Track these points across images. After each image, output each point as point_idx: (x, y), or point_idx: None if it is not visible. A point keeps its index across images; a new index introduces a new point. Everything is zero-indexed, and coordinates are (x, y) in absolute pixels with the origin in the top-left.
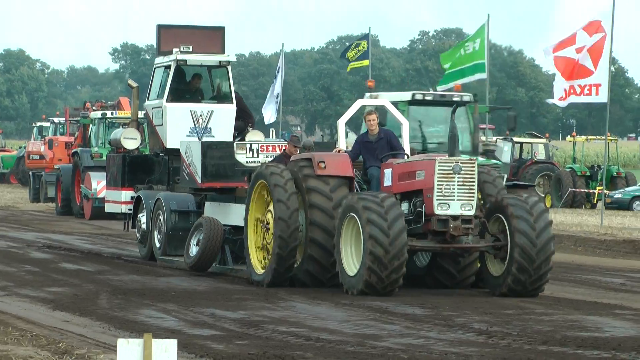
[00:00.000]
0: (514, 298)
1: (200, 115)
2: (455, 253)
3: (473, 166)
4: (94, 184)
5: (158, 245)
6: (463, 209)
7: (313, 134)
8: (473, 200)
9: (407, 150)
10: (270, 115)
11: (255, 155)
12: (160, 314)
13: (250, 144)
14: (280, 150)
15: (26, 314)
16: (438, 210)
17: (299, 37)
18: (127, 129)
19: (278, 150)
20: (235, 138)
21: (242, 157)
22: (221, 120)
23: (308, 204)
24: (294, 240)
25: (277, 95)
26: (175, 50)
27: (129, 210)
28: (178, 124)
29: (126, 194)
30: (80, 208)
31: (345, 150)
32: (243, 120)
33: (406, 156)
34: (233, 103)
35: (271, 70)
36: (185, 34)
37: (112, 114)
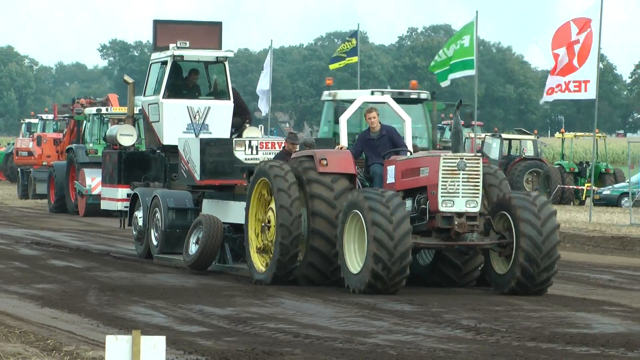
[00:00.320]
0: (503, 295)
1: (197, 112)
2: (460, 250)
3: (478, 163)
4: (88, 181)
5: (155, 243)
6: (468, 205)
7: (302, 130)
8: (478, 197)
9: (410, 147)
10: (264, 108)
11: (255, 152)
12: (148, 311)
13: (250, 141)
14: (280, 146)
15: (15, 310)
16: (442, 207)
17: (288, 34)
18: (123, 125)
19: (277, 147)
20: (232, 134)
21: (241, 154)
22: (218, 116)
23: (309, 195)
24: (297, 228)
25: (266, 92)
26: (172, 45)
27: (125, 207)
28: (175, 120)
29: (122, 191)
30: (75, 205)
31: (347, 147)
32: (240, 117)
33: (409, 153)
34: (230, 99)
35: (260, 67)
36: (182, 30)
37: (107, 110)
